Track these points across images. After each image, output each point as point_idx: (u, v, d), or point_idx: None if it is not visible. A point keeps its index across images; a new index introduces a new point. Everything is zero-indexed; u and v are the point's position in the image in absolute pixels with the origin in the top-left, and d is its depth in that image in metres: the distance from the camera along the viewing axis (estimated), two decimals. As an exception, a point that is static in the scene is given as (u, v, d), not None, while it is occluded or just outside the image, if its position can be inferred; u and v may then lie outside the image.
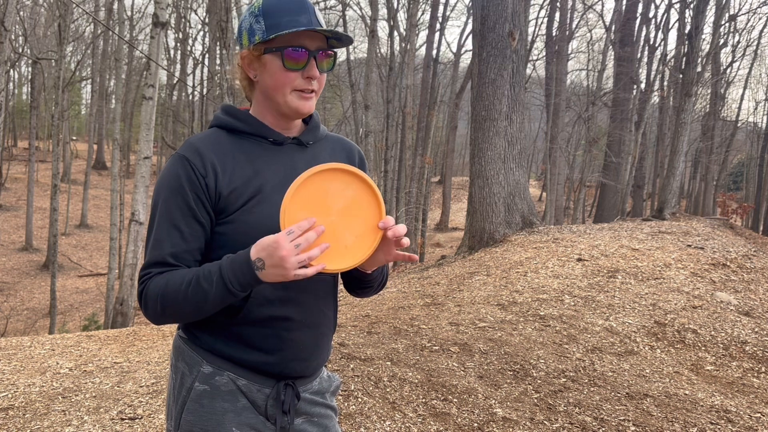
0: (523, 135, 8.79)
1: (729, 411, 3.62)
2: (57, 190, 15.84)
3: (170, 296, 1.21)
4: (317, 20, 1.30)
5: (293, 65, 1.29)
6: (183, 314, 1.24)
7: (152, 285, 1.24)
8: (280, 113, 1.35)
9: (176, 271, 1.25)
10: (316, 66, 1.31)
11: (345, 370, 3.75)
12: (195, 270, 1.22)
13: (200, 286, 1.19)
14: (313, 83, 1.32)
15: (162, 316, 1.25)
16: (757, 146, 32.84)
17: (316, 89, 1.34)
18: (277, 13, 1.28)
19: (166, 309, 1.23)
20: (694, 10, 13.64)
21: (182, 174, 1.27)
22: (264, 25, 1.29)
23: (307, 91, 1.32)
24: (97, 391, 3.54)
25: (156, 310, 1.24)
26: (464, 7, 51.23)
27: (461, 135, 36.12)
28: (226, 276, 1.17)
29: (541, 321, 5.00)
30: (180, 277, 1.22)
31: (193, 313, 1.23)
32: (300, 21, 1.28)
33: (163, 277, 1.24)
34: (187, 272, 1.23)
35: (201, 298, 1.19)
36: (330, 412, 1.49)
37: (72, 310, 18.45)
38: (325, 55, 1.32)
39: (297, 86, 1.31)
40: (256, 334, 1.32)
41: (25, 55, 25.79)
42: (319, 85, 1.34)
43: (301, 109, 1.33)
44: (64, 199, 26.58)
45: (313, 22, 1.29)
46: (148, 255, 1.28)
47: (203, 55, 25.47)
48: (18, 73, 42.06)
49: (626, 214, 20.26)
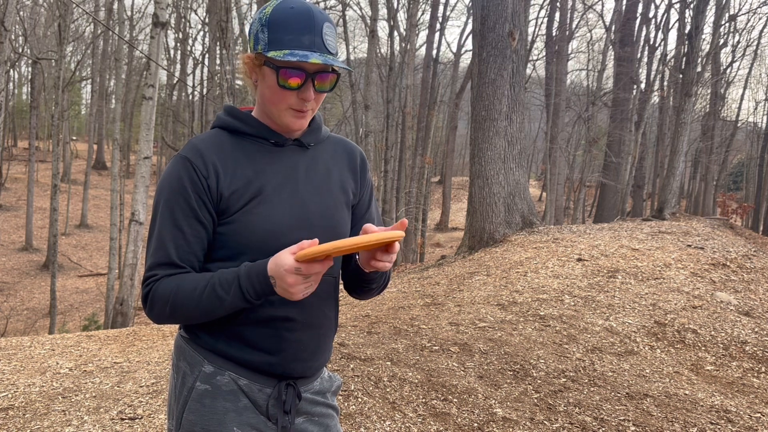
0: (523, 135, 8.79)
1: (729, 411, 3.62)
2: (57, 190, 15.84)
3: (181, 301, 1.23)
4: (322, 42, 1.26)
5: (288, 85, 1.27)
6: (191, 318, 1.27)
7: (161, 288, 1.25)
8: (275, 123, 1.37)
9: (187, 276, 1.26)
10: (314, 88, 1.29)
11: (345, 370, 3.75)
12: (207, 276, 1.24)
13: (215, 293, 1.22)
14: (307, 104, 1.30)
15: (169, 317, 1.27)
16: (757, 146, 32.85)
17: (311, 109, 1.32)
18: (282, 29, 1.25)
19: (176, 312, 1.25)
20: (694, 10, 13.64)
21: (184, 175, 1.28)
22: (267, 38, 1.26)
23: (301, 111, 1.31)
24: (97, 391, 3.54)
25: (163, 312, 1.26)
26: (464, 7, 51.23)
27: (461, 135, 36.12)
28: (244, 286, 1.20)
29: (541, 321, 5.00)
30: (192, 283, 1.24)
31: (202, 317, 1.27)
32: (302, 42, 1.24)
33: (172, 280, 1.25)
34: (199, 278, 1.25)
35: (216, 305, 1.23)
36: (331, 411, 1.49)
37: (72, 310, 18.46)
38: (324, 77, 1.29)
39: (292, 105, 1.30)
40: (257, 335, 1.32)
41: (25, 55, 25.79)
42: (315, 104, 1.33)
43: (292, 126, 1.33)
44: (64, 199, 26.59)
45: (315, 44, 1.25)
46: (152, 256, 1.29)
47: (203, 55, 25.47)
48: (18, 73, 42.09)
49: (626, 214, 20.26)
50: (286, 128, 1.34)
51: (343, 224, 1.42)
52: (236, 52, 2.12)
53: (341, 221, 1.42)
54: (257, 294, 1.20)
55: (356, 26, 35.81)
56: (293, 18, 1.25)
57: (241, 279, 1.20)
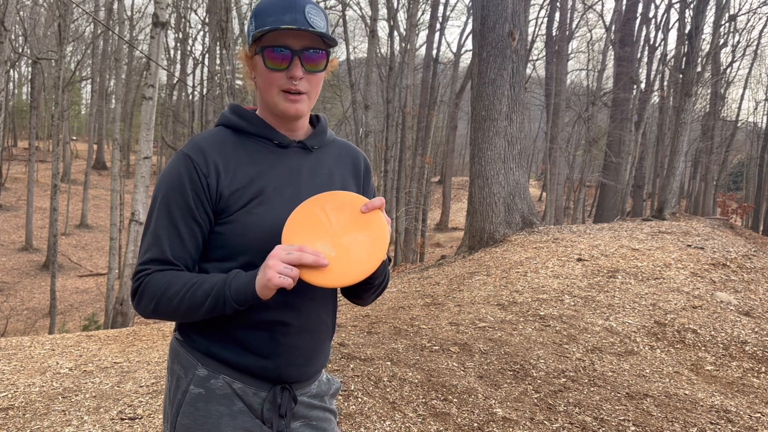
0: (523, 135, 8.79)
1: (729, 411, 3.62)
2: (57, 190, 15.83)
3: (167, 298, 1.23)
4: (304, 19, 1.25)
5: (274, 65, 1.26)
6: (175, 316, 1.27)
7: (151, 282, 1.24)
8: (275, 114, 1.35)
9: (178, 273, 1.26)
10: (301, 66, 1.27)
11: (345, 370, 3.75)
12: (197, 278, 1.24)
13: (197, 293, 1.21)
14: (297, 84, 1.28)
15: (153, 312, 1.27)
16: (757, 146, 32.84)
17: (304, 90, 1.29)
18: (265, 14, 1.26)
19: (159, 308, 1.25)
20: (694, 10, 13.64)
21: (184, 172, 1.27)
22: (254, 26, 1.28)
23: (292, 92, 1.29)
24: (97, 391, 3.54)
25: (148, 307, 1.26)
26: (464, 7, 51.24)
27: (461, 135, 36.13)
28: (228, 282, 1.21)
29: (541, 321, 5.00)
30: (181, 281, 1.23)
31: (184, 316, 1.26)
32: (283, 20, 1.24)
33: (163, 276, 1.25)
34: (189, 277, 1.24)
35: (199, 299, 1.22)
36: (329, 415, 1.47)
37: (72, 310, 18.45)
38: (313, 56, 1.28)
39: (282, 86, 1.28)
40: (252, 338, 1.30)
41: (25, 55, 25.79)
42: (310, 87, 1.30)
43: (287, 110, 1.31)
44: (64, 199, 26.59)
45: (297, 21, 1.24)
46: (145, 251, 1.28)
47: (203, 55, 25.47)
48: (18, 73, 42.09)
49: (626, 214, 20.26)
50: (282, 114, 1.32)
51: None
52: (236, 52, 2.15)
53: None
54: (237, 292, 1.19)
55: (356, 26, 35.85)
56: (275, 3, 1.27)
57: (228, 278, 1.21)
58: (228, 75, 8.53)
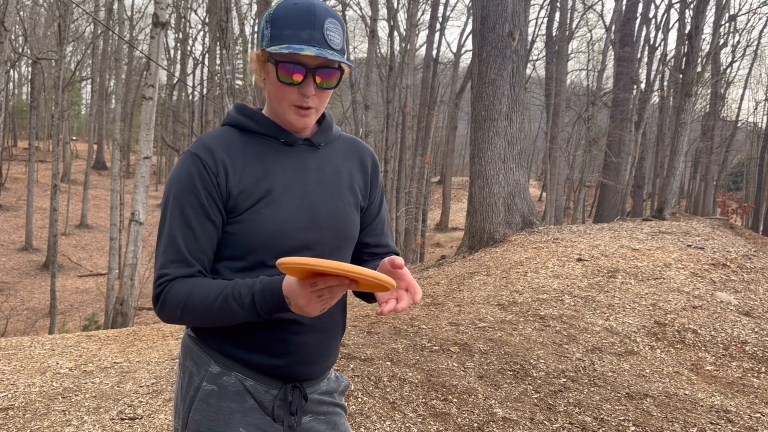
0: (523, 135, 8.79)
1: (729, 411, 3.62)
2: (57, 190, 15.83)
3: (193, 306, 1.23)
4: (322, 36, 1.24)
5: (288, 80, 1.26)
6: (201, 323, 1.29)
7: (174, 290, 1.24)
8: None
9: (200, 281, 1.25)
10: (314, 84, 1.27)
11: (345, 370, 3.75)
12: (222, 285, 1.23)
13: (228, 305, 1.21)
14: (308, 100, 1.28)
15: (178, 320, 1.28)
16: (757, 146, 32.85)
17: (314, 106, 1.30)
18: (283, 24, 1.24)
19: (186, 316, 1.25)
20: (694, 10, 13.63)
21: (194, 172, 1.27)
22: (270, 33, 1.26)
23: (303, 107, 1.29)
24: (97, 391, 3.54)
25: (174, 314, 1.26)
26: (464, 7, 51.24)
27: (461, 135, 36.13)
28: (258, 303, 1.19)
29: (541, 321, 5.00)
30: (205, 289, 1.23)
31: (212, 324, 1.28)
32: (301, 36, 1.23)
33: (185, 284, 1.25)
34: (213, 285, 1.24)
35: (227, 315, 1.22)
36: (339, 410, 1.50)
37: (72, 310, 18.45)
38: (326, 73, 1.28)
39: (293, 101, 1.28)
40: (264, 337, 1.32)
41: (25, 55, 25.78)
42: (319, 102, 1.30)
43: (295, 124, 1.31)
44: (64, 199, 26.57)
45: (315, 39, 1.23)
46: (163, 254, 1.28)
47: (203, 55, 25.48)
48: (18, 73, 42.08)
49: (626, 214, 20.26)
50: (291, 126, 1.33)
51: (351, 226, 1.41)
52: (236, 52, 2.15)
53: (350, 223, 1.40)
54: (270, 312, 1.19)
55: (356, 26, 35.78)
56: (294, 13, 1.24)
57: (256, 296, 1.19)
58: (228, 75, 8.53)
